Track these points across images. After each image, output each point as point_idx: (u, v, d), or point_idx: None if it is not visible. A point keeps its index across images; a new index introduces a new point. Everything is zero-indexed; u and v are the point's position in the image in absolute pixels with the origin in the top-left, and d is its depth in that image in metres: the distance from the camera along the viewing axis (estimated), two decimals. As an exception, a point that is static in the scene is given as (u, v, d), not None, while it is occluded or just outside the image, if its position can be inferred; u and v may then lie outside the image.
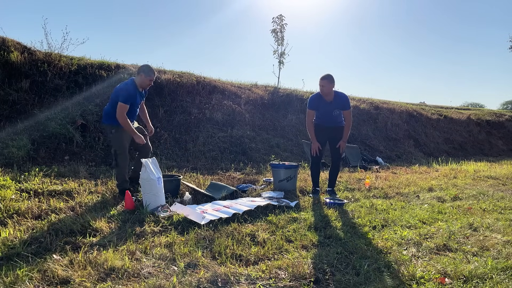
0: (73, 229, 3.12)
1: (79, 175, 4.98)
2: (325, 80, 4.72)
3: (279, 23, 11.92)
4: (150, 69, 4.36)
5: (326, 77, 4.73)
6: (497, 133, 15.49)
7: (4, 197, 3.71)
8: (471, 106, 27.69)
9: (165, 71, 8.70)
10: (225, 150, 7.49)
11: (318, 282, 2.41)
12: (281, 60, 12.09)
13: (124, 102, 4.13)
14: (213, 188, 4.89)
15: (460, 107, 19.62)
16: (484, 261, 2.76)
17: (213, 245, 2.92)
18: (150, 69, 4.36)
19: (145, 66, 4.37)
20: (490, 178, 7.12)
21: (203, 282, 2.31)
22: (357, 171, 7.35)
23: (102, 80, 7.40)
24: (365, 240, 3.21)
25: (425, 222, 3.83)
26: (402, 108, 13.46)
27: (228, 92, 9.27)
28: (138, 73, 4.36)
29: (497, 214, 4.27)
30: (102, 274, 2.37)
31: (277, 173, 5.21)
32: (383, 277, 2.50)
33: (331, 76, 4.75)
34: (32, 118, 6.11)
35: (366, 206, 4.42)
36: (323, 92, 4.77)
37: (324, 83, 4.72)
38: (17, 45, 7.05)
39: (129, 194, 3.91)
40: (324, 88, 4.74)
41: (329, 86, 4.73)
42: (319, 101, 4.87)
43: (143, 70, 4.32)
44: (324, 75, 4.75)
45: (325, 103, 4.84)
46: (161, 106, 7.64)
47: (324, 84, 4.73)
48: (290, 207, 4.21)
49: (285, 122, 9.41)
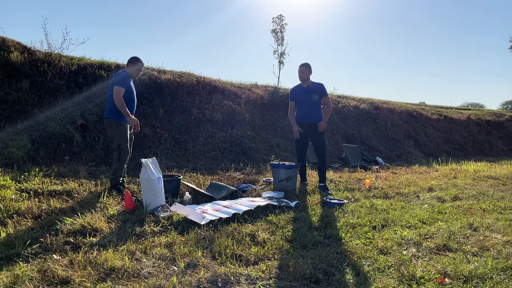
0: (73, 229, 3.12)
1: (79, 175, 4.98)
2: (303, 66, 5.27)
3: (279, 23, 11.94)
4: (138, 59, 4.67)
5: (304, 64, 5.29)
6: (497, 133, 15.48)
7: (4, 197, 3.71)
8: (471, 106, 27.71)
9: (165, 71, 8.71)
10: (225, 150, 7.49)
11: (318, 282, 2.41)
12: (281, 60, 12.10)
13: (119, 85, 4.35)
14: (213, 188, 4.89)
15: (460, 107, 19.62)
16: (484, 261, 2.76)
17: (213, 245, 2.92)
18: (138, 59, 4.67)
19: (134, 58, 4.65)
20: (490, 178, 7.12)
21: (203, 282, 2.31)
22: (357, 171, 7.35)
23: (102, 80, 7.40)
24: (365, 240, 3.20)
25: (425, 222, 3.83)
26: (402, 108, 13.46)
27: (228, 92, 9.27)
28: (127, 64, 4.66)
29: (497, 214, 4.27)
30: (102, 274, 2.37)
31: (277, 173, 5.21)
32: (383, 277, 2.50)
33: (308, 64, 5.32)
34: (32, 118, 6.11)
35: (366, 206, 4.42)
36: (301, 78, 5.32)
37: (303, 70, 5.27)
38: (17, 45, 7.05)
39: (129, 194, 3.91)
40: (303, 74, 5.28)
41: (307, 72, 5.27)
42: (299, 89, 5.39)
43: (132, 61, 4.63)
44: (303, 63, 5.31)
45: (304, 90, 5.33)
46: (161, 106, 7.64)
47: (302, 70, 5.28)
48: (290, 207, 4.21)
49: (285, 122, 9.41)
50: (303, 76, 5.27)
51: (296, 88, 5.43)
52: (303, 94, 5.30)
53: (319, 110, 5.34)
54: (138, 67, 4.64)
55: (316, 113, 5.30)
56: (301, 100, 5.33)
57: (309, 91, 5.27)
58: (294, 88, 5.45)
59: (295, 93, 5.40)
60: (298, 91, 5.37)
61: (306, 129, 5.32)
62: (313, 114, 5.29)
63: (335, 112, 11.24)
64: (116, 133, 4.50)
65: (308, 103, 5.28)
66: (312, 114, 5.29)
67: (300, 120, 5.37)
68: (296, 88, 5.43)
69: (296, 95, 5.39)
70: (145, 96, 7.72)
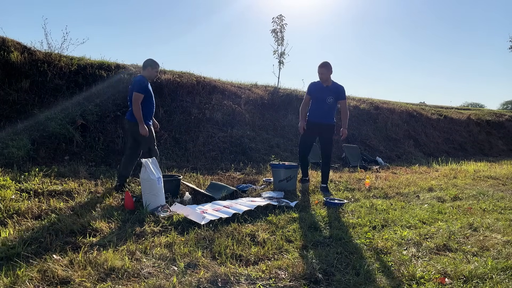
0: (73, 229, 3.12)
1: (79, 175, 4.98)
2: (323, 68, 5.10)
3: (279, 23, 11.91)
4: (154, 61, 4.75)
5: (324, 65, 5.10)
6: (497, 133, 15.49)
7: (4, 197, 3.71)
8: (471, 106, 27.70)
9: (165, 71, 8.70)
10: (225, 150, 7.49)
11: (318, 282, 2.41)
12: (281, 60, 12.08)
13: (138, 92, 4.49)
14: (213, 188, 4.89)
15: (460, 107, 19.63)
16: (484, 261, 2.76)
17: (213, 245, 2.92)
18: (154, 61, 4.75)
19: (150, 60, 4.72)
20: (490, 178, 7.12)
21: (203, 282, 2.31)
22: (357, 171, 7.35)
23: (102, 80, 7.40)
24: (365, 240, 3.20)
25: (425, 222, 3.83)
26: (402, 108, 13.46)
27: (228, 92, 9.27)
28: (144, 67, 4.71)
29: (497, 214, 4.27)
30: (102, 274, 2.37)
31: (277, 173, 5.21)
32: (383, 277, 2.50)
33: (328, 64, 5.12)
34: (32, 118, 6.11)
35: (366, 206, 4.42)
36: (322, 79, 5.16)
37: (322, 71, 5.11)
38: (17, 45, 7.05)
39: (129, 194, 3.91)
40: (323, 76, 5.13)
41: (327, 73, 5.11)
42: (317, 86, 5.23)
43: (149, 64, 4.70)
44: (322, 63, 5.11)
45: (322, 88, 5.18)
46: (161, 106, 7.64)
47: (322, 72, 5.11)
48: (290, 207, 4.21)
49: (285, 122, 9.41)
50: (323, 78, 5.12)
51: (314, 84, 5.27)
52: (320, 92, 5.17)
53: (332, 111, 5.21)
54: (156, 69, 4.77)
55: (328, 114, 5.18)
56: (316, 97, 5.21)
57: (326, 91, 5.14)
58: (313, 84, 5.28)
59: (312, 89, 5.25)
60: (316, 88, 5.23)
61: (315, 128, 5.23)
62: (324, 114, 5.18)
63: (335, 112, 11.24)
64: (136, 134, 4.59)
65: (322, 103, 5.15)
66: (323, 114, 5.18)
67: (310, 118, 5.26)
68: (314, 84, 5.27)
69: (312, 91, 5.24)
70: (145, 96, 7.71)
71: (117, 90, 7.33)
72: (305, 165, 5.51)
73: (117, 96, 7.24)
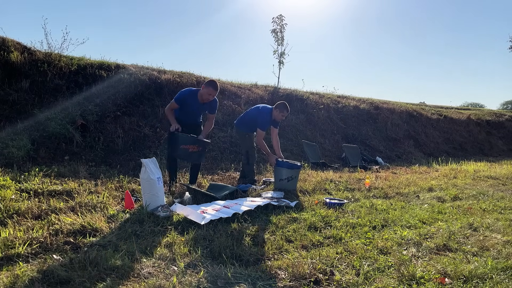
0: (73, 229, 3.12)
1: (79, 175, 4.98)
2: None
3: (279, 23, 11.93)
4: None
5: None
6: (497, 133, 15.49)
7: (4, 197, 3.71)
8: (471, 106, 27.70)
9: (165, 71, 8.71)
10: (225, 150, 7.49)
11: (318, 282, 2.41)
12: (281, 60, 12.09)
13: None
14: (213, 189, 4.88)
15: (460, 107, 19.64)
16: (484, 261, 2.76)
17: (213, 245, 2.92)
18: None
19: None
20: (490, 178, 7.12)
21: (203, 282, 2.31)
22: (357, 171, 7.35)
23: (102, 80, 7.40)
24: (365, 240, 3.20)
25: (425, 222, 3.83)
26: (402, 108, 13.46)
27: (228, 92, 9.27)
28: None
29: (497, 214, 4.27)
30: (102, 274, 2.37)
31: (279, 172, 5.20)
32: (383, 277, 2.50)
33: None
34: (32, 118, 6.11)
35: (366, 206, 4.42)
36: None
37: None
38: (17, 45, 7.06)
39: (129, 194, 3.91)
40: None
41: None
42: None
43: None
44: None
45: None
46: (161, 106, 7.63)
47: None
48: (290, 207, 4.20)
49: (285, 122, 9.41)
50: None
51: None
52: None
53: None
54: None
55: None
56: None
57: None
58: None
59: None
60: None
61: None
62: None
63: (335, 112, 11.24)
64: (245, 141, 5.49)
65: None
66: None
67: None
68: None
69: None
70: (145, 96, 7.72)
71: (117, 90, 7.34)
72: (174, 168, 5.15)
73: (117, 96, 7.24)
